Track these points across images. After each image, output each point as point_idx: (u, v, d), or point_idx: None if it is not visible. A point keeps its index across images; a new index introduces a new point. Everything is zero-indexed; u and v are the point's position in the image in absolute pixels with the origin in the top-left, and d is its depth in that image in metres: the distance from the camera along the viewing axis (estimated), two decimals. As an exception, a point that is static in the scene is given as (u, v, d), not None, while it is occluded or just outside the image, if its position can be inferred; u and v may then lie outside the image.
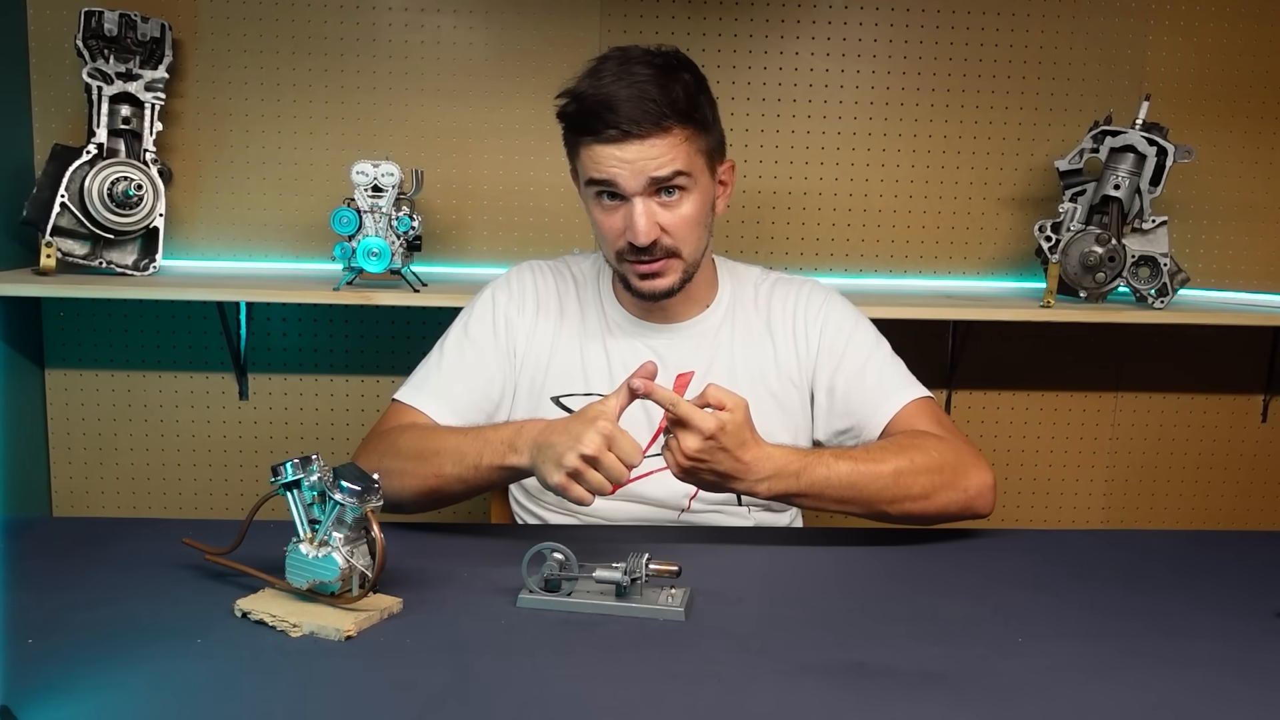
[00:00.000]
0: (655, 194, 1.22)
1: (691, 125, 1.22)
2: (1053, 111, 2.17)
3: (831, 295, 1.40)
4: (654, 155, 1.20)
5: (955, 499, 1.22)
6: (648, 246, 1.23)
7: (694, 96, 1.23)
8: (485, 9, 2.08)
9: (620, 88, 1.19)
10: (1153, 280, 1.99)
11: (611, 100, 1.19)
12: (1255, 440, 2.33)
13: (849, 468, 1.17)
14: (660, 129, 1.19)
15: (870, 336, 1.38)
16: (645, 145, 1.19)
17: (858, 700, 0.82)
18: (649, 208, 1.22)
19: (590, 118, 1.20)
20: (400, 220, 1.84)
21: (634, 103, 1.18)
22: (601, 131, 1.19)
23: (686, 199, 1.24)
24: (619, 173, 1.21)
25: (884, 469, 1.18)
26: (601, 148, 1.20)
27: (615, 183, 1.21)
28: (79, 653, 0.86)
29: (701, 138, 1.24)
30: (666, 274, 1.27)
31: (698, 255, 1.29)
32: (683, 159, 1.22)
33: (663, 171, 1.20)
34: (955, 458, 1.22)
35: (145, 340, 2.13)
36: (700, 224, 1.27)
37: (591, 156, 1.22)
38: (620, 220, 1.24)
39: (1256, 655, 0.92)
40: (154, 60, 1.94)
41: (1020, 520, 2.30)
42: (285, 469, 0.96)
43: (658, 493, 1.33)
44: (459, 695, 0.81)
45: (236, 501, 2.17)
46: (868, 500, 1.18)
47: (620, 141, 1.19)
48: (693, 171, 1.23)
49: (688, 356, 1.35)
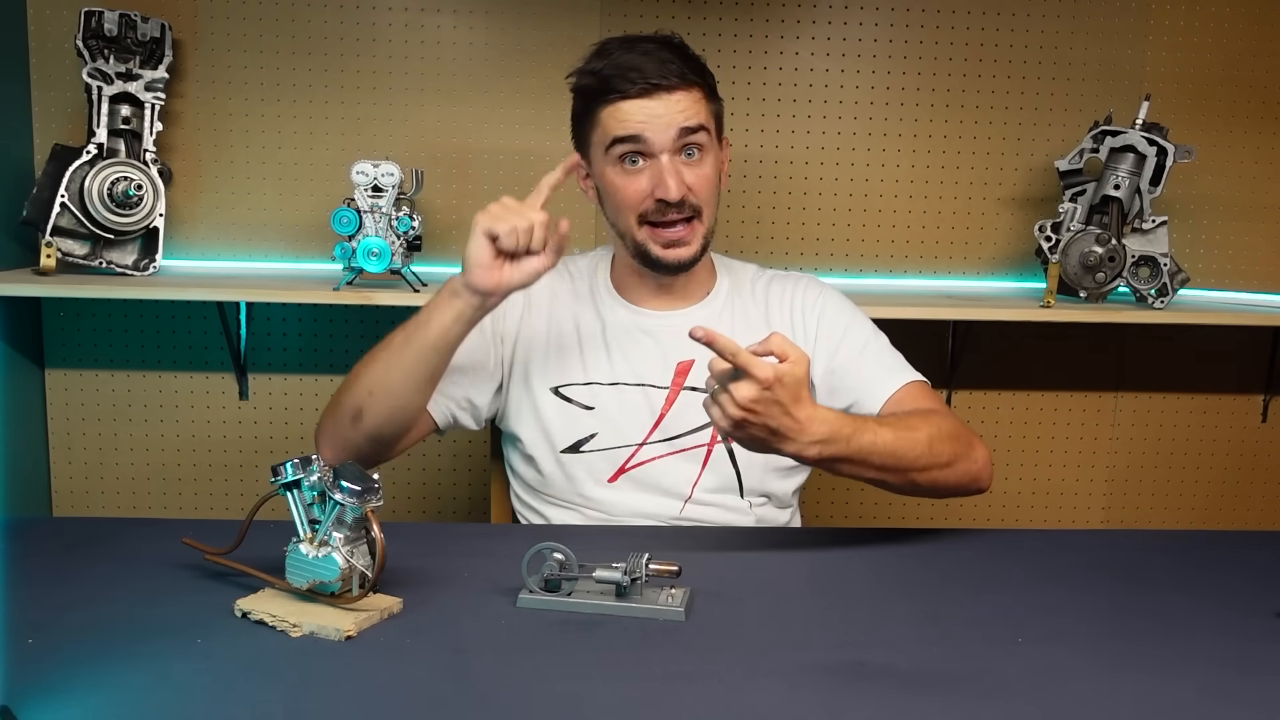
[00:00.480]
0: (679, 152, 1.27)
1: (705, 88, 1.29)
2: (1053, 111, 2.17)
3: (828, 288, 1.43)
4: (682, 108, 1.26)
5: (969, 469, 1.25)
6: (676, 204, 1.27)
7: (702, 64, 1.31)
8: (485, 9, 2.08)
9: (636, 56, 1.26)
10: (1153, 280, 1.99)
11: (633, 63, 1.25)
12: (1255, 440, 2.33)
13: (891, 435, 1.18)
14: (685, 83, 1.26)
15: (868, 326, 1.40)
16: (672, 99, 1.25)
17: (858, 700, 0.82)
18: (675, 164, 1.27)
19: (615, 79, 1.26)
20: (400, 220, 1.84)
21: (656, 63, 1.25)
22: (628, 88, 1.25)
23: (706, 158, 1.29)
24: (647, 126, 1.25)
25: (920, 435, 1.20)
26: (628, 104, 1.25)
27: (643, 137, 1.25)
28: (79, 652, 0.86)
29: (713, 103, 1.31)
30: (690, 240, 1.30)
31: (713, 222, 1.33)
32: (704, 114, 1.28)
33: (691, 122, 1.26)
34: (964, 430, 1.27)
35: (145, 340, 2.13)
36: (716, 186, 1.32)
37: (616, 115, 1.26)
38: (646, 181, 1.27)
39: (1256, 655, 0.92)
40: (154, 60, 1.94)
41: (1020, 520, 2.30)
42: (285, 469, 0.96)
43: (662, 480, 1.33)
44: (459, 695, 0.81)
45: (236, 501, 2.17)
46: (905, 467, 1.19)
47: (649, 95, 1.25)
48: (711, 131, 1.30)
49: (687, 343, 1.35)
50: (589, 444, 1.34)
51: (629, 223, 1.30)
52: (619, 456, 1.33)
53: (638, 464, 1.33)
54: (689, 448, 1.33)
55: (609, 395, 1.34)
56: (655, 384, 1.34)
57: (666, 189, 1.25)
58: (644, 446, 1.33)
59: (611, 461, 1.33)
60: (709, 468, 1.33)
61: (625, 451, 1.33)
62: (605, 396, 1.34)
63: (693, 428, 1.33)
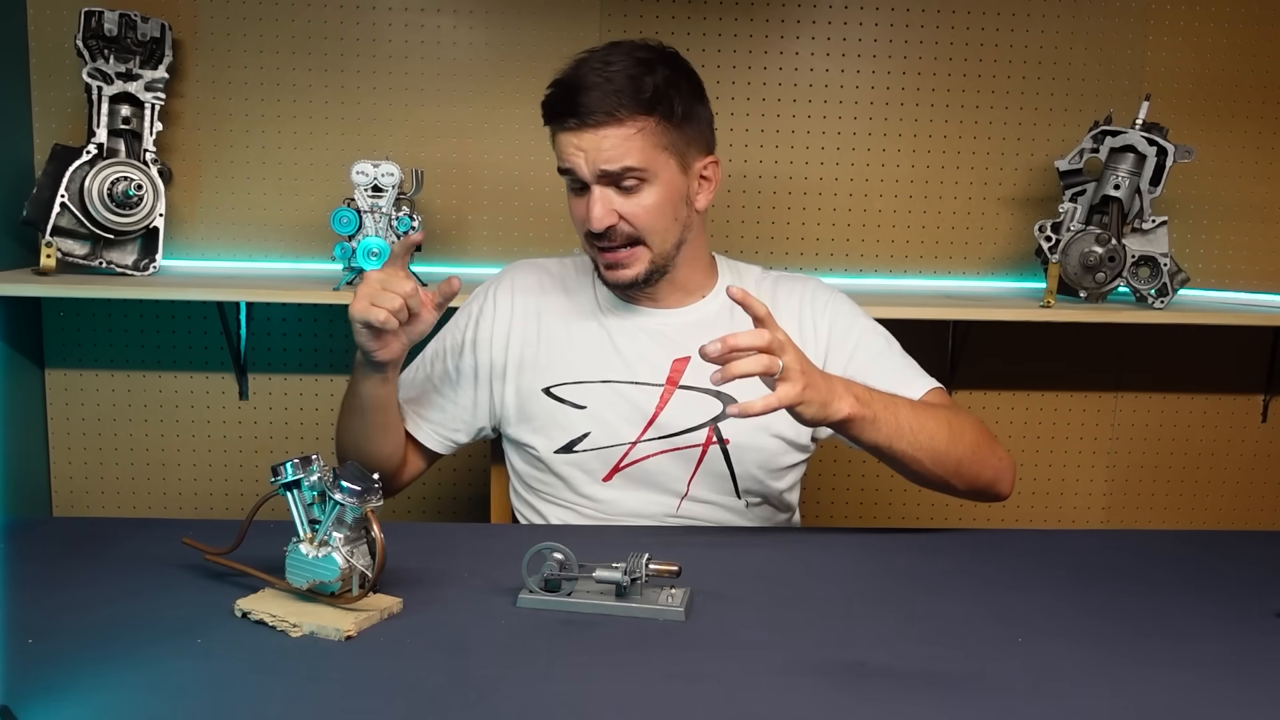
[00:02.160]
0: (611, 184, 1.26)
1: (654, 116, 1.24)
2: (1053, 111, 2.17)
3: (836, 293, 1.42)
4: (606, 146, 1.23)
5: (992, 465, 1.26)
6: (605, 233, 1.27)
7: (663, 90, 1.24)
8: (485, 9, 2.08)
9: (591, 76, 1.23)
10: (1153, 280, 1.99)
11: (576, 86, 1.23)
12: (1255, 440, 2.33)
13: (908, 404, 1.20)
14: (614, 119, 1.22)
15: (880, 332, 1.40)
16: (598, 135, 1.23)
17: (858, 700, 0.82)
18: (605, 195, 1.26)
19: (556, 103, 1.25)
20: (400, 220, 1.84)
21: (595, 90, 1.22)
22: (563, 120, 1.24)
23: (646, 190, 1.26)
24: (576, 161, 1.25)
25: (938, 413, 1.21)
26: (563, 135, 1.25)
27: (573, 171, 1.26)
28: (79, 653, 0.86)
29: (666, 132, 1.25)
30: (632, 264, 1.30)
31: (666, 248, 1.30)
32: (637, 153, 1.24)
33: (611, 166, 1.24)
34: (987, 433, 1.28)
35: (145, 340, 2.13)
36: (665, 215, 1.28)
37: (558, 144, 1.27)
38: (584, 206, 1.28)
39: (1256, 655, 0.92)
40: (154, 60, 1.94)
41: (1020, 520, 2.30)
42: (285, 469, 0.96)
43: (657, 477, 1.33)
44: (459, 695, 0.81)
45: (236, 501, 2.17)
46: (931, 436, 1.19)
47: (577, 130, 1.24)
48: (649, 166, 1.25)
49: (684, 341, 1.35)
50: (582, 443, 1.34)
51: (581, 240, 1.33)
52: (612, 455, 1.33)
53: (631, 462, 1.33)
54: (683, 446, 1.33)
55: (601, 394, 1.34)
56: (648, 382, 1.34)
57: (590, 219, 1.26)
58: (637, 445, 1.33)
59: (605, 460, 1.34)
60: (703, 466, 1.33)
61: (619, 450, 1.33)
62: (597, 395, 1.34)
63: (687, 426, 1.33)
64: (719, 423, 1.32)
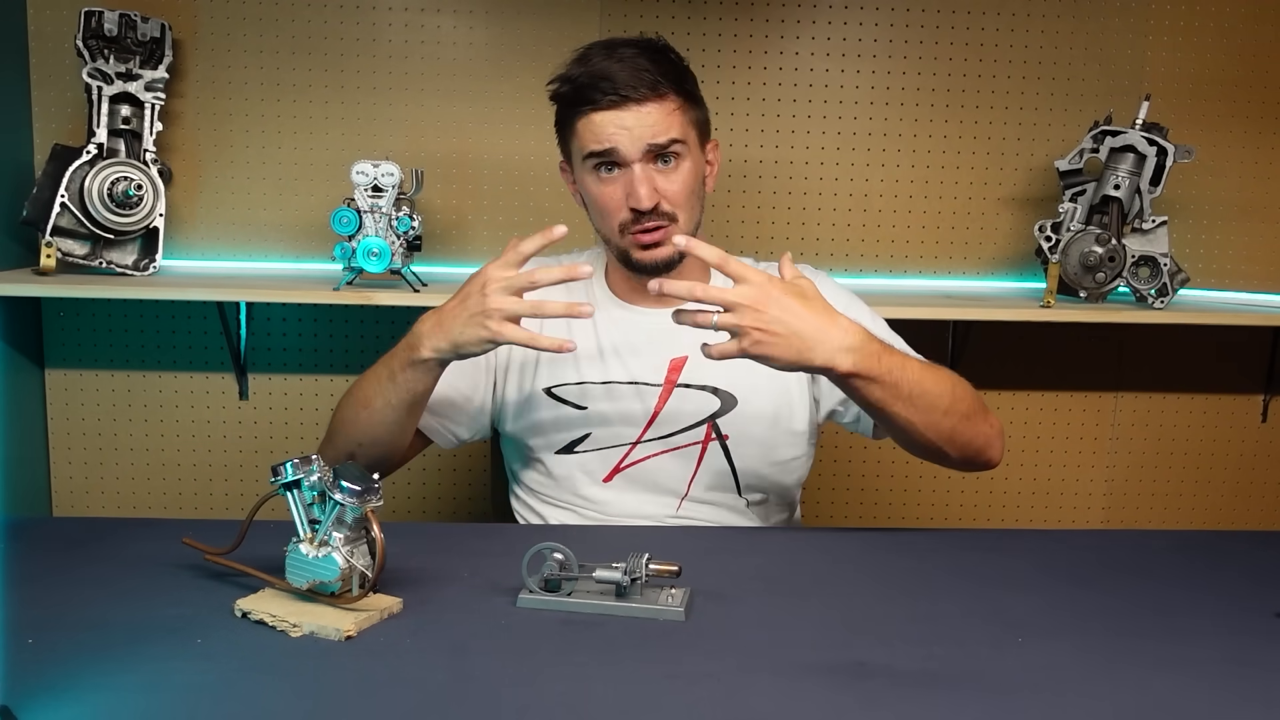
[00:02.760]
0: (652, 160, 1.27)
1: (683, 96, 1.28)
2: (1053, 111, 2.17)
3: (820, 275, 1.41)
4: (651, 122, 1.25)
5: (984, 430, 1.25)
6: (650, 211, 1.27)
7: (682, 71, 1.30)
8: (485, 9, 2.08)
9: (612, 64, 1.25)
10: (1153, 280, 1.99)
11: (607, 72, 1.25)
12: (1255, 440, 2.33)
13: (917, 363, 1.19)
14: (657, 94, 1.25)
15: (866, 310, 1.41)
16: (643, 111, 1.25)
17: (858, 700, 0.82)
18: (647, 172, 1.26)
19: (587, 89, 1.26)
20: (400, 220, 1.84)
21: (629, 72, 1.24)
22: (600, 100, 1.25)
23: (682, 166, 1.28)
24: (619, 139, 1.25)
25: (943, 375, 1.21)
26: (600, 115, 1.25)
27: (615, 150, 1.25)
28: (79, 653, 0.86)
29: (692, 109, 1.30)
30: (667, 242, 1.29)
31: (692, 226, 1.32)
32: (678, 127, 1.27)
33: (660, 139, 1.26)
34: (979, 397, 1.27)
35: (145, 340, 2.13)
36: (694, 193, 1.31)
37: (589, 127, 1.26)
38: (620, 189, 1.27)
39: (1256, 655, 0.92)
40: (154, 60, 1.94)
41: (1020, 520, 2.30)
42: (285, 469, 0.96)
43: (657, 478, 1.33)
44: (459, 695, 0.81)
45: (236, 501, 2.17)
46: (931, 402, 1.18)
47: (619, 107, 1.24)
48: (687, 140, 1.29)
49: (681, 340, 1.35)
50: (583, 444, 1.34)
51: (611, 229, 1.32)
52: (613, 456, 1.33)
53: (632, 463, 1.33)
54: (683, 445, 1.33)
55: (601, 394, 1.34)
56: (648, 382, 1.34)
57: (638, 198, 1.26)
58: (638, 445, 1.33)
59: (606, 461, 1.34)
60: (704, 465, 1.33)
61: (619, 451, 1.33)
62: (598, 396, 1.34)
63: (686, 425, 1.33)
64: None
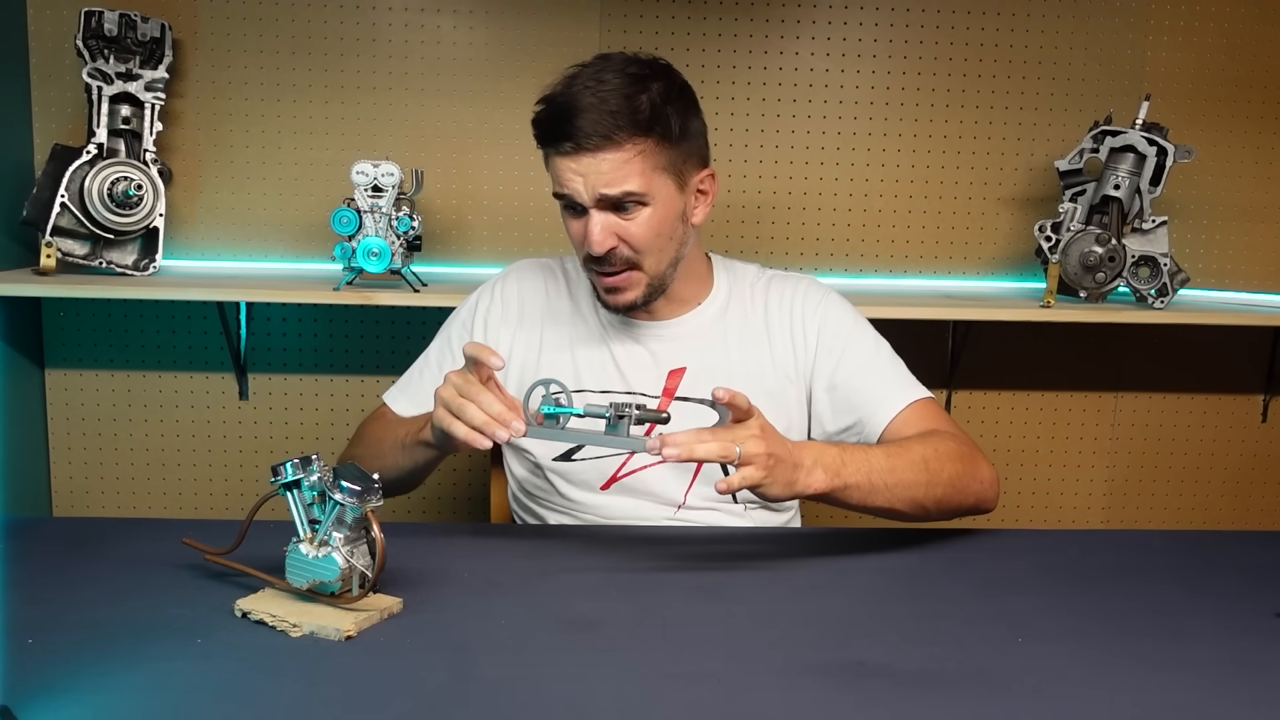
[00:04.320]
0: (610, 207, 1.22)
1: (652, 137, 1.20)
2: (1053, 111, 2.17)
3: (829, 293, 1.40)
4: (604, 170, 1.19)
5: (974, 489, 1.24)
6: (605, 256, 1.24)
7: (660, 108, 1.21)
8: (485, 9, 2.08)
9: (585, 96, 1.19)
10: (1153, 280, 1.99)
11: (571, 109, 1.19)
12: (1255, 440, 2.33)
13: (882, 452, 1.17)
14: (612, 142, 1.18)
15: (871, 336, 1.37)
16: (597, 159, 1.19)
17: (857, 700, 0.82)
18: (605, 219, 1.22)
19: (549, 127, 1.21)
20: (400, 220, 1.84)
21: (591, 113, 1.18)
22: (558, 144, 1.20)
23: (644, 213, 1.23)
24: (574, 185, 1.21)
25: (914, 456, 1.18)
26: (560, 159, 1.21)
27: (570, 196, 1.22)
28: (79, 653, 0.86)
29: (663, 151, 1.22)
30: (629, 288, 1.27)
31: (662, 268, 1.28)
32: (635, 177, 1.20)
33: (611, 190, 1.20)
34: (968, 449, 1.25)
35: (145, 340, 2.13)
36: (663, 236, 1.25)
37: (554, 168, 1.24)
38: (582, 229, 1.24)
39: (1256, 655, 0.92)
40: (154, 60, 1.94)
41: (1020, 520, 2.30)
42: (285, 469, 0.96)
43: (654, 486, 1.33)
44: (459, 695, 0.81)
45: (236, 501, 2.17)
46: (907, 486, 1.17)
47: (574, 155, 1.20)
48: (648, 190, 1.22)
49: (680, 352, 1.35)
50: (580, 453, 1.33)
51: (580, 262, 1.31)
52: (609, 465, 1.33)
53: (629, 473, 1.32)
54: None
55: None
56: (646, 392, 1.33)
57: (590, 244, 1.23)
58: (634, 455, 1.33)
59: (602, 470, 1.33)
60: (700, 477, 1.33)
61: (615, 460, 1.33)
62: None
63: None
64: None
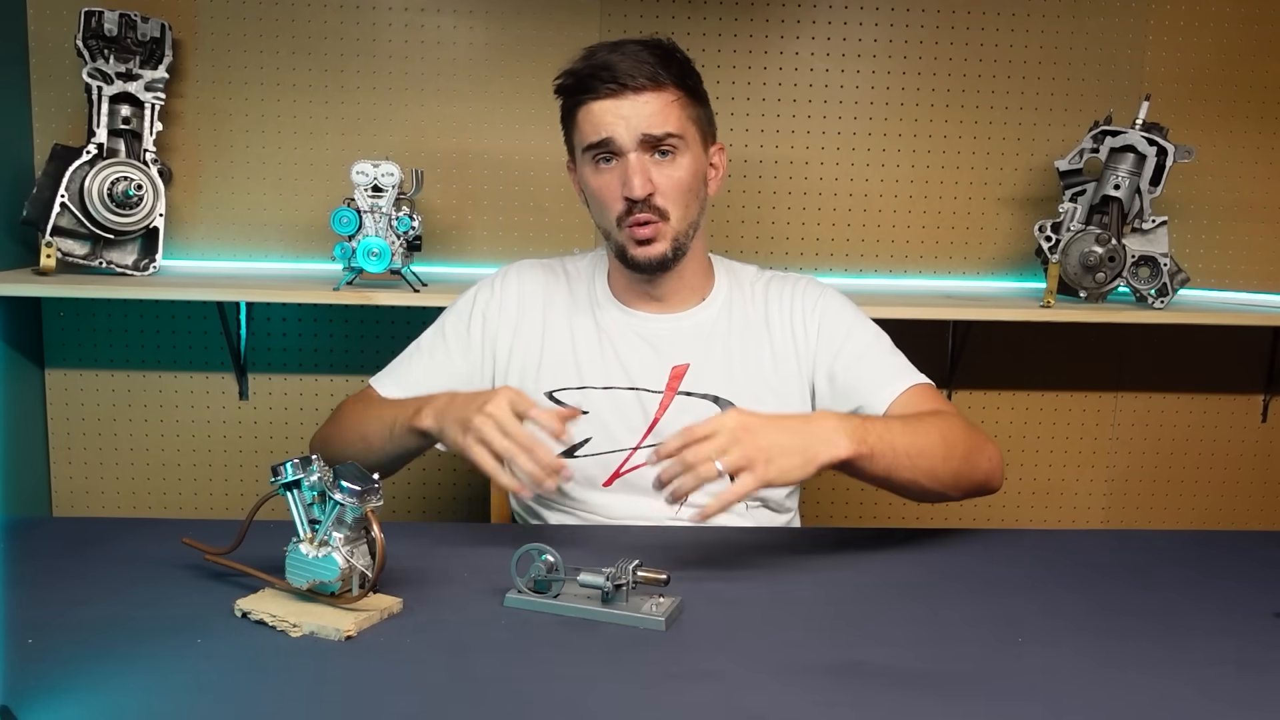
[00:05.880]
0: (649, 151, 1.26)
1: (684, 90, 1.28)
2: (1053, 111, 2.17)
3: (828, 289, 1.41)
4: (649, 112, 1.25)
5: (984, 465, 1.25)
6: (642, 201, 1.26)
7: (686, 68, 1.29)
8: (485, 9, 2.08)
9: (615, 56, 1.25)
10: (1153, 280, 1.99)
11: (608, 63, 1.25)
12: (1255, 440, 2.33)
13: (900, 423, 1.18)
14: (656, 84, 1.25)
15: (870, 328, 1.39)
16: (640, 100, 1.24)
17: (857, 700, 0.82)
18: (642, 162, 1.26)
19: (588, 79, 1.26)
20: (400, 220, 1.84)
21: (630, 63, 1.25)
22: (598, 88, 1.25)
23: (679, 161, 1.27)
24: (615, 127, 1.25)
25: (928, 426, 1.19)
26: (599, 104, 1.25)
27: (612, 139, 1.25)
28: (79, 653, 0.86)
29: (694, 106, 1.29)
30: (659, 239, 1.29)
31: (686, 225, 1.30)
32: (675, 120, 1.26)
33: (656, 130, 1.25)
34: (973, 429, 1.26)
35: (145, 340, 2.13)
36: (690, 191, 1.29)
37: (589, 117, 1.26)
38: (616, 179, 1.27)
39: (1256, 655, 0.92)
40: (154, 60, 1.94)
41: (1020, 520, 2.30)
42: (285, 469, 0.96)
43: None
44: (459, 695, 0.81)
45: (236, 501, 2.17)
46: (928, 456, 1.17)
47: (617, 95, 1.24)
48: (685, 135, 1.27)
49: (683, 348, 1.35)
50: (583, 449, 1.33)
51: (609, 223, 1.31)
52: (612, 461, 1.33)
53: (631, 468, 1.33)
54: None
55: (602, 400, 1.34)
56: (649, 388, 1.34)
57: (631, 187, 1.25)
58: (637, 451, 1.33)
59: (605, 467, 1.33)
60: None
61: (618, 456, 1.33)
62: (599, 401, 1.34)
63: None
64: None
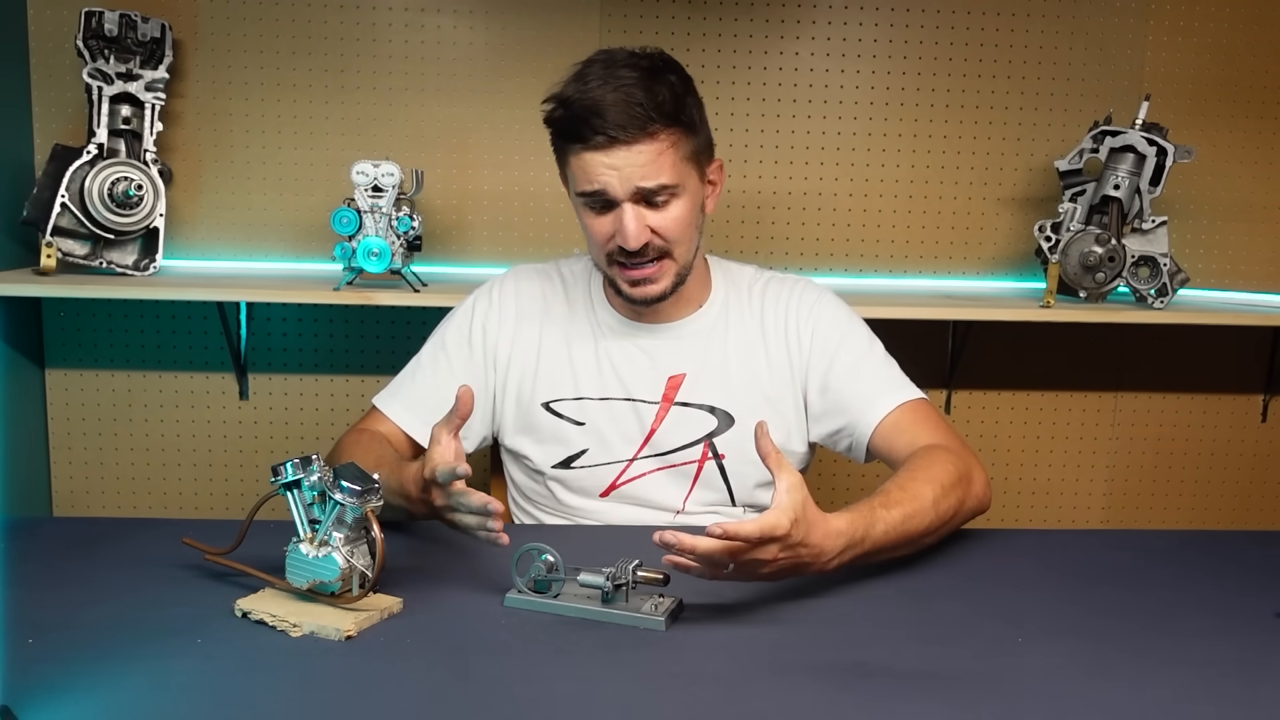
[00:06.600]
0: (642, 200, 1.22)
1: (678, 127, 1.22)
2: (1053, 111, 2.17)
3: (824, 294, 1.39)
4: (640, 163, 1.19)
5: (971, 506, 1.21)
6: (639, 250, 1.23)
7: (680, 98, 1.22)
8: (485, 9, 2.08)
9: (606, 92, 1.18)
10: (1153, 280, 1.99)
11: (598, 105, 1.18)
12: (1255, 440, 2.33)
13: (899, 514, 1.10)
14: (646, 134, 1.19)
15: (864, 336, 1.37)
16: (632, 152, 1.19)
17: (857, 700, 0.82)
18: (638, 212, 1.22)
19: (577, 124, 1.20)
20: (400, 220, 1.84)
21: (620, 108, 1.18)
22: (589, 139, 1.19)
23: (675, 202, 1.23)
24: (608, 179, 1.20)
25: (924, 503, 1.12)
26: (590, 155, 1.20)
27: (604, 191, 1.21)
28: (79, 653, 0.86)
29: (688, 140, 1.24)
30: (660, 278, 1.27)
31: (690, 256, 1.29)
32: (669, 168, 1.21)
33: (649, 183, 1.20)
34: (964, 465, 1.21)
35: (145, 340, 2.13)
36: (690, 225, 1.26)
37: (580, 165, 1.22)
38: (610, 225, 1.23)
39: (1256, 655, 0.92)
40: (154, 60, 1.94)
41: (1020, 520, 2.30)
42: (285, 469, 0.96)
43: (652, 494, 1.33)
44: (459, 695, 0.81)
45: (236, 501, 2.17)
46: (917, 538, 1.12)
47: (608, 148, 1.19)
48: (679, 180, 1.23)
49: (680, 358, 1.34)
50: (579, 460, 1.33)
51: (600, 259, 1.29)
52: (609, 473, 1.33)
53: (628, 480, 1.33)
54: (679, 464, 1.33)
55: (599, 411, 1.33)
56: (645, 399, 1.33)
57: (626, 239, 1.22)
58: (634, 463, 1.33)
59: (601, 478, 1.33)
60: (700, 483, 1.33)
61: (615, 468, 1.33)
62: (595, 412, 1.33)
63: (683, 444, 1.33)
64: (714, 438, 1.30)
